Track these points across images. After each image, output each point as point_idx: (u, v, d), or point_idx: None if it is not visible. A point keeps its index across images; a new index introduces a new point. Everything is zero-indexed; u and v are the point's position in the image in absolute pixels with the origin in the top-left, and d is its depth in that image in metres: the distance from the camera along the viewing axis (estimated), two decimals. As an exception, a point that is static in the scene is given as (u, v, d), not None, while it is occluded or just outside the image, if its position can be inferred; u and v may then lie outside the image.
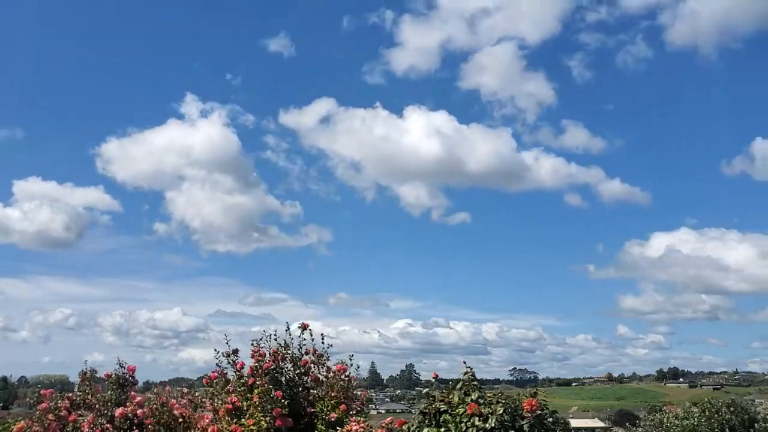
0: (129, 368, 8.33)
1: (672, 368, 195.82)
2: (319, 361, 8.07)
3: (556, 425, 6.52)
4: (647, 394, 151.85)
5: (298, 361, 8.00)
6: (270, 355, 7.80)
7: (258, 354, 7.75)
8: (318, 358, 8.07)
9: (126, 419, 7.71)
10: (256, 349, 7.82)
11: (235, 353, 7.88)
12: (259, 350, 7.81)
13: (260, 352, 7.78)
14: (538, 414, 6.29)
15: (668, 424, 23.41)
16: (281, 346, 7.93)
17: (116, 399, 8.05)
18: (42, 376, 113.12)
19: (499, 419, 6.08)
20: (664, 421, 23.97)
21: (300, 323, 8.15)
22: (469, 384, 6.58)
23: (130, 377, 8.35)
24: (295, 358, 7.99)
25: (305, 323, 8.14)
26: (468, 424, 6.15)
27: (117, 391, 8.13)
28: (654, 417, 26.48)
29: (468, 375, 6.65)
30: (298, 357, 8.02)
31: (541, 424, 6.29)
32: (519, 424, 6.19)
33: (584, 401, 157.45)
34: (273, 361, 7.77)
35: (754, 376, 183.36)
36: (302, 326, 8.12)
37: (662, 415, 25.28)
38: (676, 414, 24.13)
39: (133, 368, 8.34)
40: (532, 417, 6.24)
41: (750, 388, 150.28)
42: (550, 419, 6.42)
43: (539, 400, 6.41)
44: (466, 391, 6.51)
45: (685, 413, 23.27)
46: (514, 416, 6.24)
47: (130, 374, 8.34)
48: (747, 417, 21.70)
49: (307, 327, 8.11)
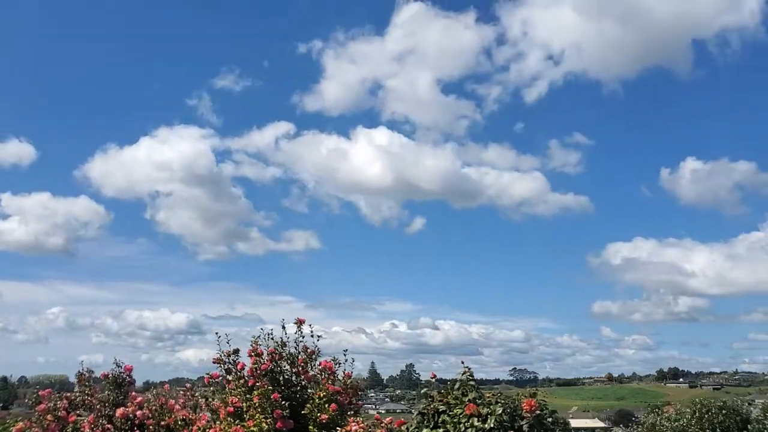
0: (126, 368, 8.31)
1: (672, 368, 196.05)
2: (310, 358, 7.84)
3: (555, 425, 6.48)
4: (647, 395, 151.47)
5: (294, 359, 7.78)
6: (267, 355, 7.61)
7: (255, 353, 7.57)
8: (309, 356, 7.84)
9: (127, 420, 7.70)
10: (254, 348, 7.63)
11: (235, 353, 7.71)
12: (256, 349, 7.62)
13: (257, 351, 7.60)
14: (538, 414, 6.26)
15: (660, 426, 23.30)
16: (278, 345, 7.73)
17: (114, 399, 8.03)
18: (42, 376, 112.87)
19: (498, 419, 6.05)
20: (657, 423, 23.83)
21: (296, 319, 7.91)
22: (466, 384, 6.55)
23: (127, 377, 8.33)
24: (292, 356, 7.78)
25: (301, 319, 7.91)
26: (467, 425, 6.11)
27: (114, 391, 8.11)
28: (647, 418, 26.33)
29: (466, 375, 6.62)
30: (295, 356, 7.80)
31: (540, 424, 6.26)
32: (518, 425, 6.16)
33: (584, 401, 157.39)
34: (271, 361, 7.59)
35: (754, 376, 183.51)
36: (298, 322, 7.89)
37: (656, 417, 25.12)
38: (668, 415, 24.02)
39: (131, 368, 8.32)
40: (532, 417, 6.20)
41: (750, 388, 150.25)
42: (549, 419, 6.38)
43: (539, 400, 6.37)
44: (464, 392, 6.48)
45: (677, 414, 23.19)
46: (514, 416, 6.21)
47: (127, 374, 8.32)
48: (740, 418, 21.66)
49: (303, 323, 7.88)
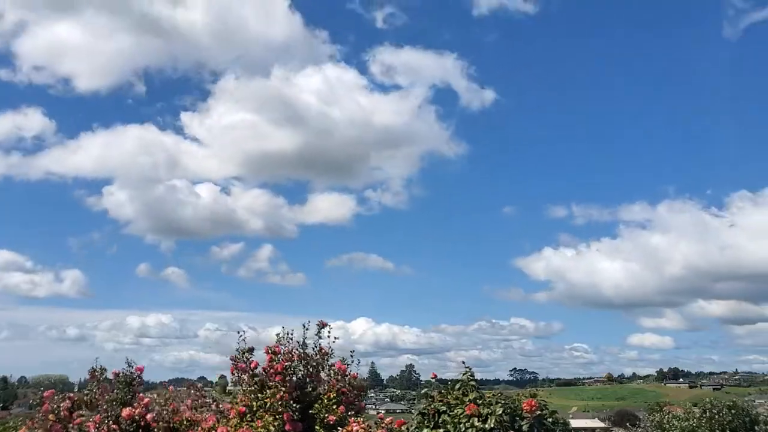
0: (137, 368, 8.26)
1: (672, 368, 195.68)
2: (323, 359, 7.71)
3: (555, 425, 6.50)
4: (647, 395, 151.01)
5: (310, 361, 7.64)
6: (284, 354, 7.44)
7: (273, 352, 7.41)
8: (323, 357, 7.70)
9: (133, 421, 7.66)
10: (275, 346, 7.46)
11: (250, 351, 7.60)
12: (275, 347, 7.45)
13: (275, 349, 7.43)
14: (538, 414, 6.29)
15: (668, 425, 23.35)
16: (299, 345, 7.56)
17: (122, 398, 8.00)
18: (42, 377, 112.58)
19: (498, 420, 6.08)
20: (664, 422, 23.91)
21: (318, 321, 7.72)
22: (467, 384, 6.59)
23: (138, 377, 8.31)
24: (309, 357, 7.64)
25: (323, 321, 7.72)
26: (467, 425, 6.15)
27: (124, 390, 8.10)
28: (654, 417, 26.40)
29: (466, 375, 6.65)
30: (311, 357, 7.66)
31: (540, 424, 6.29)
32: (518, 425, 6.19)
33: (584, 401, 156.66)
34: (287, 360, 7.43)
35: (754, 376, 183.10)
36: (320, 324, 7.69)
37: (662, 415, 25.19)
38: (676, 414, 24.06)
39: (142, 368, 8.24)
40: (532, 417, 6.24)
41: (750, 388, 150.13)
42: (549, 420, 6.40)
43: (539, 400, 6.39)
44: (464, 392, 6.52)
45: (685, 414, 23.19)
46: (514, 417, 6.24)
47: (138, 374, 8.30)
48: (748, 419, 21.63)
49: (325, 325, 7.69)
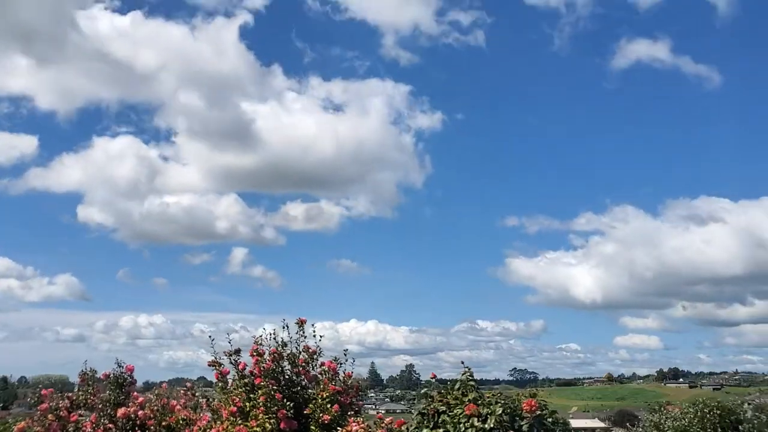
0: (128, 368, 8.32)
1: (672, 368, 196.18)
2: (311, 358, 7.75)
3: (555, 425, 6.46)
4: (647, 395, 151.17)
5: (295, 359, 7.69)
6: (269, 355, 7.51)
7: (257, 353, 7.49)
8: (311, 356, 7.75)
9: (128, 420, 7.72)
10: (256, 347, 7.53)
11: (237, 353, 7.62)
12: (258, 349, 7.53)
13: (259, 351, 7.52)
14: (538, 414, 6.24)
15: (663, 425, 23.61)
16: (279, 345, 7.64)
17: (115, 399, 8.05)
18: (42, 377, 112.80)
19: (498, 420, 6.04)
20: (660, 422, 24.12)
21: (297, 319, 7.81)
22: (466, 384, 6.55)
23: (128, 377, 8.34)
24: (293, 356, 7.69)
25: (302, 319, 7.81)
26: (467, 425, 6.11)
27: (116, 391, 8.13)
28: (652, 417, 26.54)
29: (466, 375, 6.62)
30: (296, 355, 7.71)
31: (540, 424, 6.24)
32: (518, 425, 6.15)
33: (584, 401, 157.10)
34: (272, 361, 7.50)
35: (754, 376, 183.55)
36: (299, 322, 7.78)
37: (659, 416, 25.35)
38: (671, 414, 24.33)
39: (132, 368, 8.32)
40: (532, 417, 6.20)
41: (750, 388, 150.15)
42: (549, 420, 6.36)
43: (539, 400, 6.34)
44: (464, 392, 6.48)
45: (681, 413, 23.49)
46: (514, 417, 6.20)
47: (128, 374, 8.33)
48: (734, 418, 22.26)
49: (304, 323, 7.78)
